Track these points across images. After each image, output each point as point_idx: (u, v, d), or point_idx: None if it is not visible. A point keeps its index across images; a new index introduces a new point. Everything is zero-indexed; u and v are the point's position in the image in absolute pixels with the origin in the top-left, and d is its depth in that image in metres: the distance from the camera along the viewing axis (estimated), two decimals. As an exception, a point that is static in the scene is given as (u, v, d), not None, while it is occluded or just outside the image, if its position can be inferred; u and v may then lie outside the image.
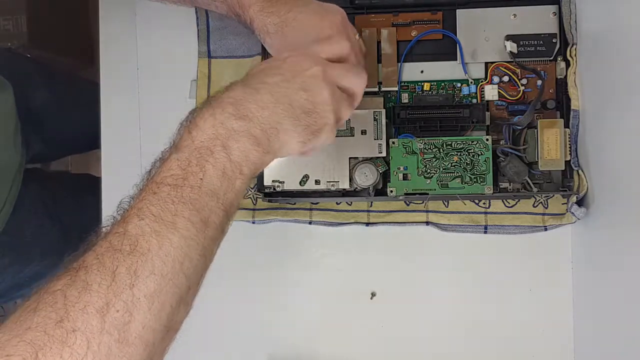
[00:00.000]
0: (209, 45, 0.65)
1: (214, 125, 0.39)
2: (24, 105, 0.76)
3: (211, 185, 0.37)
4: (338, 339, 0.64)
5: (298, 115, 0.42)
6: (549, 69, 0.61)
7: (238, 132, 0.39)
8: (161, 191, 0.36)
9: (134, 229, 0.35)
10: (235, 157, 0.38)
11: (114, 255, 0.34)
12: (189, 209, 0.36)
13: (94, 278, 0.33)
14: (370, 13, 0.62)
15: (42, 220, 0.77)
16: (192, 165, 0.37)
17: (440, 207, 0.63)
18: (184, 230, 0.36)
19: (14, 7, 1.26)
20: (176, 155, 0.38)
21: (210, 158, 0.38)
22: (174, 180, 0.37)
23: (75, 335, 0.31)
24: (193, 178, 0.37)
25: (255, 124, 0.40)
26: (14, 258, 0.74)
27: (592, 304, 0.58)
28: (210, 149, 0.38)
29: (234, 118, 0.39)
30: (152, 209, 0.36)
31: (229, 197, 0.38)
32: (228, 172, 0.38)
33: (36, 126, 0.79)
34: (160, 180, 0.37)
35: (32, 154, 0.80)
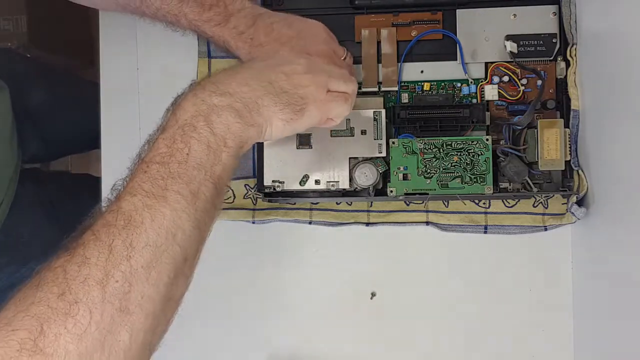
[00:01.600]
0: (209, 45, 0.65)
1: (195, 103, 0.40)
2: (22, 105, 0.76)
3: (197, 159, 0.39)
4: (338, 338, 0.64)
5: (278, 93, 0.43)
6: (549, 69, 0.61)
7: (219, 106, 0.40)
8: (150, 169, 0.38)
9: (127, 205, 0.36)
10: (219, 131, 0.40)
11: (109, 230, 0.35)
12: (178, 182, 0.37)
13: (91, 252, 0.34)
14: (370, 13, 0.62)
15: (39, 220, 0.77)
16: (177, 142, 0.39)
17: (440, 207, 0.63)
18: (175, 203, 0.37)
19: (14, 7, 1.26)
20: (162, 135, 0.40)
21: (194, 133, 0.39)
22: (161, 158, 0.38)
23: (78, 306, 0.32)
24: (179, 154, 0.38)
25: (236, 98, 0.41)
26: (11, 258, 0.74)
27: (592, 304, 0.58)
28: (193, 125, 0.39)
29: (215, 95, 0.41)
30: (143, 185, 0.37)
31: (217, 170, 0.40)
32: (212, 145, 0.39)
33: (34, 126, 0.79)
34: (149, 159, 0.39)
35: (29, 154, 0.80)
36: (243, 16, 0.54)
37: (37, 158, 0.86)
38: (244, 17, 0.54)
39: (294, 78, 0.45)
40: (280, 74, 0.44)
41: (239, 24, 0.54)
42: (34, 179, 0.79)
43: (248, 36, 0.54)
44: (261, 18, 0.55)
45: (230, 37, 0.55)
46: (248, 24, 0.54)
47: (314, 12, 0.62)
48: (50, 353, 0.31)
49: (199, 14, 0.54)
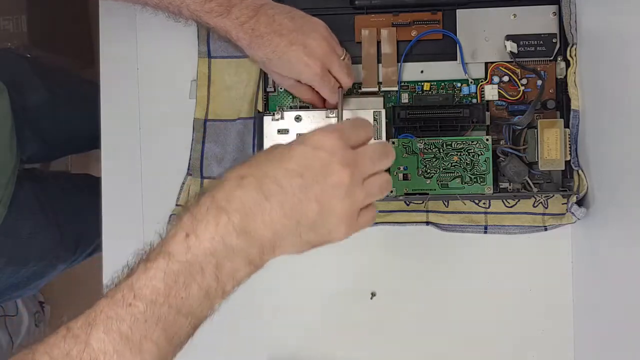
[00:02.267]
0: (209, 45, 0.65)
1: (214, 238, 0.36)
2: (22, 105, 0.76)
3: (190, 307, 0.36)
4: (338, 339, 0.64)
5: (302, 232, 0.39)
6: (549, 69, 0.61)
7: (235, 251, 0.37)
8: (136, 305, 0.34)
9: (96, 343, 0.33)
10: (223, 277, 0.37)
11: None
12: (159, 330, 0.35)
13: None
14: (370, 13, 0.62)
15: (38, 220, 0.77)
16: (178, 283, 0.35)
17: (440, 207, 0.63)
18: (148, 354, 0.34)
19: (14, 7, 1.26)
20: (164, 263, 0.35)
21: (199, 277, 0.36)
22: (152, 294, 0.35)
23: None
24: (174, 297, 0.35)
25: (255, 243, 0.37)
26: (10, 259, 0.74)
27: (592, 304, 0.58)
28: (202, 266, 0.36)
29: (236, 234, 0.36)
30: (121, 326, 0.34)
31: (204, 315, 0.37)
32: (211, 293, 0.36)
33: (34, 127, 0.79)
34: (138, 289, 0.35)
35: (29, 155, 0.80)
36: (245, 7, 0.54)
37: (37, 158, 0.86)
38: (245, 7, 0.54)
39: (326, 212, 0.39)
40: (314, 202, 0.38)
41: (240, 14, 0.54)
42: (33, 179, 0.79)
43: (249, 27, 0.54)
44: (263, 9, 0.55)
45: (231, 28, 0.54)
46: (250, 15, 0.54)
47: (314, 12, 0.61)
48: None
49: (200, 4, 0.54)
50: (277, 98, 0.64)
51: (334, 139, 0.39)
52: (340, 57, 0.57)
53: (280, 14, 0.55)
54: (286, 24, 0.55)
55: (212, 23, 0.55)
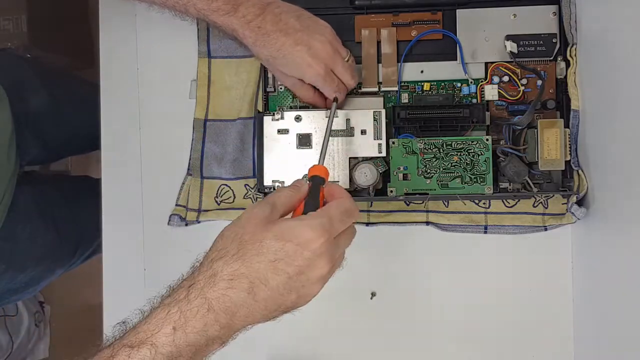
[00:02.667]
0: (209, 45, 0.65)
1: (199, 333, 0.40)
2: (22, 109, 0.75)
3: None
4: (338, 339, 0.64)
5: (276, 315, 0.44)
6: (549, 69, 0.61)
7: (214, 340, 0.41)
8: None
9: None
10: (198, 357, 0.40)
11: None
12: None
13: None
14: (370, 13, 0.62)
15: (37, 226, 0.77)
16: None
17: (440, 207, 0.63)
18: None
19: (14, 7, 1.26)
20: (149, 354, 0.38)
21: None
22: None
23: None
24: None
25: (231, 331, 0.42)
26: (9, 264, 0.73)
27: (592, 304, 0.58)
28: (181, 353, 0.39)
29: (219, 328, 0.40)
30: None
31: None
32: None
33: (35, 130, 0.79)
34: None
35: (29, 158, 0.80)
36: (251, 5, 0.54)
37: (37, 161, 0.86)
38: (252, 6, 0.54)
39: (303, 297, 0.43)
40: (294, 294, 0.43)
41: (247, 12, 0.54)
42: (32, 183, 0.79)
43: (255, 25, 0.54)
44: (270, 8, 0.55)
45: (238, 26, 0.54)
46: (256, 13, 0.54)
47: (314, 12, 0.61)
48: None
49: (207, 3, 0.54)
50: (277, 98, 0.64)
51: (324, 242, 0.42)
52: (344, 59, 0.57)
53: (287, 13, 0.55)
54: (292, 24, 0.55)
55: (219, 21, 0.55)
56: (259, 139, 0.60)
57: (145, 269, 0.66)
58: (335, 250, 0.44)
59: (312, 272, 0.42)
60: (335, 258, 0.44)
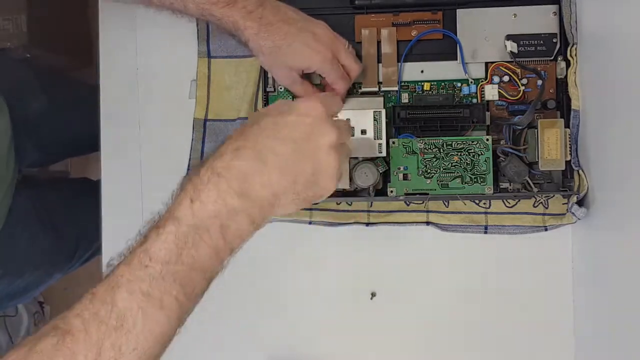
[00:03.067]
0: (208, 45, 0.65)
1: (217, 202, 0.39)
2: (22, 114, 0.75)
3: (202, 263, 0.39)
4: (338, 339, 0.64)
5: (299, 190, 0.42)
6: (549, 69, 0.61)
7: (237, 211, 0.40)
8: (152, 266, 0.37)
9: (122, 302, 0.36)
10: (229, 237, 0.40)
11: (100, 327, 0.35)
12: (177, 287, 0.38)
13: (80, 349, 0.35)
14: (370, 13, 0.62)
15: (35, 230, 0.77)
16: (187, 244, 0.38)
17: (441, 207, 0.63)
18: (168, 310, 0.37)
19: (14, 7, 1.26)
20: (173, 227, 0.38)
21: (206, 236, 0.39)
22: (167, 255, 0.38)
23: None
24: (186, 257, 0.38)
25: (255, 203, 0.41)
26: (7, 269, 0.73)
27: (592, 304, 0.58)
28: (208, 228, 0.39)
29: (237, 196, 0.40)
30: (142, 285, 0.37)
31: (215, 271, 0.40)
32: (220, 251, 0.40)
33: (34, 134, 0.78)
34: (153, 253, 0.38)
35: (27, 162, 0.79)
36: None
37: (36, 164, 0.85)
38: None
39: (319, 169, 0.43)
40: (309, 162, 0.42)
41: (247, 3, 0.54)
42: (30, 187, 0.78)
43: (257, 15, 0.54)
44: (268, 1, 0.55)
45: (239, 17, 0.54)
46: (257, 4, 0.54)
47: (314, 12, 0.61)
48: None
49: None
50: (277, 98, 0.64)
51: (319, 107, 0.44)
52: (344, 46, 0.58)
53: (284, 6, 0.56)
54: (291, 15, 0.55)
55: (219, 14, 0.54)
56: (259, 139, 0.59)
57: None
58: (336, 122, 0.44)
59: (320, 138, 0.43)
60: (340, 127, 0.44)
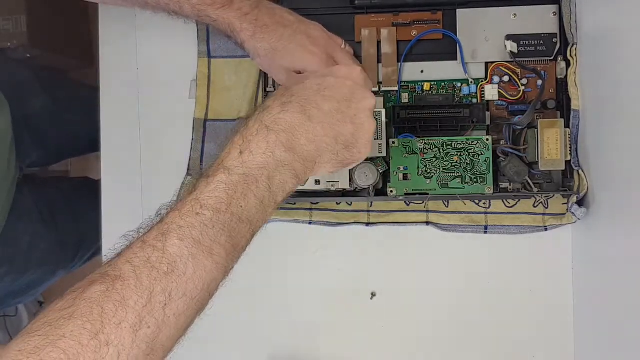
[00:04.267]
0: (209, 45, 0.65)
1: (265, 153, 0.40)
2: (22, 113, 0.75)
3: (249, 213, 0.39)
4: (338, 339, 0.64)
5: (338, 150, 0.44)
6: (549, 69, 0.61)
7: (284, 164, 0.41)
8: (203, 214, 0.38)
9: (172, 248, 0.37)
10: (275, 188, 0.41)
11: (151, 273, 0.36)
12: (225, 235, 0.38)
13: (131, 295, 0.35)
14: (370, 13, 0.62)
15: (37, 229, 0.77)
16: (237, 192, 0.39)
17: (441, 207, 0.63)
18: (218, 257, 0.38)
19: (14, 7, 1.26)
20: (224, 177, 0.39)
21: (254, 187, 0.40)
22: (217, 203, 0.38)
23: (109, 348, 0.33)
24: (236, 206, 0.39)
25: (300, 157, 0.42)
26: (10, 267, 0.73)
27: (592, 304, 0.58)
28: (256, 178, 0.40)
29: (284, 149, 0.41)
30: (193, 232, 0.37)
31: (261, 223, 0.41)
32: (266, 202, 0.40)
33: (35, 134, 0.79)
34: (204, 200, 0.38)
35: (29, 162, 0.80)
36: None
37: (37, 164, 0.85)
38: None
39: (359, 131, 0.44)
40: (349, 123, 0.44)
41: (243, 5, 0.54)
42: (32, 185, 0.79)
43: (253, 17, 0.54)
44: (263, 3, 0.55)
45: (235, 19, 0.54)
46: (252, 6, 0.54)
47: (314, 12, 0.62)
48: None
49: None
50: (277, 98, 0.64)
51: (359, 72, 0.46)
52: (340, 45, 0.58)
53: (279, 9, 0.56)
54: (287, 17, 0.56)
55: (215, 15, 0.54)
56: (259, 139, 0.59)
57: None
58: (369, 92, 0.46)
59: (360, 101, 0.44)
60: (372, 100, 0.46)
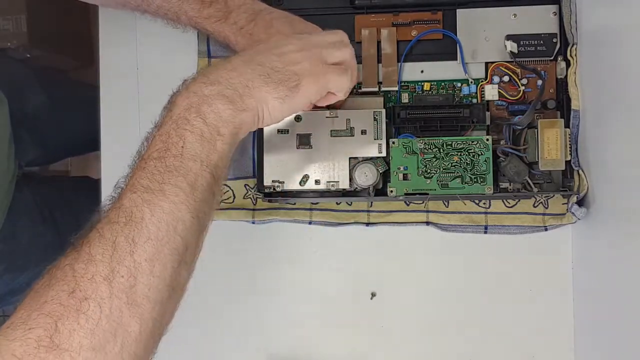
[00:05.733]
0: (208, 45, 0.65)
1: (188, 97, 0.42)
2: (21, 111, 0.75)
3: (192, 150, 0.40)
4: (338, 339, 0.64)
5: (269, 73, 0.44)
6: (549, 69, 0.61)
7: (210, 96, 0.41)
8: (148, 165, 0.39)
9: (127, 202, 0.38)
10: (211, 120, 0.41)
11: (112, 227, 0.37)
12: (175, 175, 0.39)
13: (96, 250, 0.36)
14: (370, 13, 0.62)
15: (37, 226, 0.77)
16: (172, 137, 0.40)
17: (440, 207, 0.63)
18: (173, 196, 0.38)
19: (14, 7, 1.26)
20: (158, 131, 0.41)
21: (187, 126, 0.40)
22: (158, 153, 0.40)
23: (88, 302, 0.34)
24: (174, 148, 0.40)
25: (226, 85, 0.42)
26: (9, 265, 0.73)
27: (592, 304, 0.58)
28: (186, 117, 0.41)
29: (205, 85, 0.42)
30: (142, 181, 0.39)
31: (213, 159, 0.41)
32: (206, 135, 0.41)
33: (34, 132, 0.79)
34: (147, 156, 0.40)
35: (28, 161, 0.80)
36: (243, 12, 0.55)
37: (36, 162, 0.85)
38: (244, 12, 0.55)
39: (285, 57, 0.45)
40: (272, 55, 0.45)
41: (239, 19, 0.55)
42: (31, 184, 0.79)
43: (247, 31, 0.55)
44: (261, 14, 0.55)
45: (230, 33, 0.55)
46: (248, 20, 0.55)
47: (314, 12, 0.61)
48: (65, 348, 0.33)
49: (199, 11, 0.54)
50: (277, 98, 0.64)
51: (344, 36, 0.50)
52: None
53: (278, 20, 0.56)
54: (284, 29, 0.55)
55: (211, 29, 0.55)
56: (258, 139, 0.60)
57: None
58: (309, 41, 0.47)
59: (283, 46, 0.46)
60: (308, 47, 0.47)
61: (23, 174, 0.79)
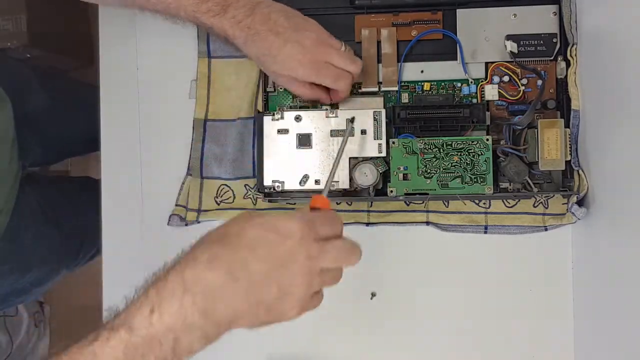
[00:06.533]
0: (208, 45, 0.65)
1: (176, 315, 0.38)
2: (23, 112, 0.75)
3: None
4: (338, 339, 0.64)
5: (259, 313, 0.41)
6: (549, 69, 0.61)
7: (194, 328, 0.39)
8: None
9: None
10: (180, 350, 0.39)
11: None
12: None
13: None
14: (370, 13, 0.62)
15: (40, 226, 0.77)
16: (136, 355, 0.38)
17: (440, 207, 0.63)
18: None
19: (14, 7, 1.26)
20: (126, 336, 0.38)
21: (157, 349, 0.38)
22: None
23: None
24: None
25: (213, 322, 0.40)
26: (13, 266, 0.73)
27: (592, 304, 0.58)
28: (160, 340, 0.38)
29: (198, 314, 0.39)
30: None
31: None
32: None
33: (36, 132, 0.79)
34: (100, 356, 0.37)
35: (30, 160, 0.80)
36: (241, 5, 0.55)
37: (38, 163, 0.86)
38: (242, 6, 0.55)
39: (284, 295, 0.41)
40: (275, 287, 0.41)
41: (237, 13, 0.55)
42: (34, 183, 0.79)
43: (245, 25, 0.55)
44: (259, 8, 0.55)
45: (228, 27, 0.55)
46: (246, 13, 0.55)
47: (314, 12, 0.61)
48: None
49: (197, 5, 0.55)
50: (277, 98, 0.64)
51: (304, 230, 0.42)
52: (339, 49, 0.57)
53: (276, 13, 0.56)
54: (282, 22, 0.55)
55: (209, 23, 0.55)
56: (258, 139, 0.60)
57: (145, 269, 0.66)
58: (318, 253, 0.42)
59: (294, 265, 0.41)
60: (327, 252, 0.43)
61: (27, 174, 0.79)
